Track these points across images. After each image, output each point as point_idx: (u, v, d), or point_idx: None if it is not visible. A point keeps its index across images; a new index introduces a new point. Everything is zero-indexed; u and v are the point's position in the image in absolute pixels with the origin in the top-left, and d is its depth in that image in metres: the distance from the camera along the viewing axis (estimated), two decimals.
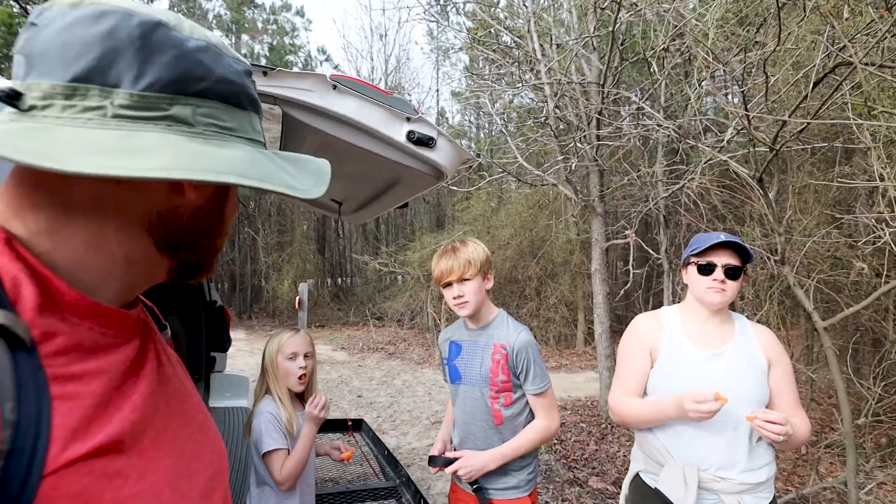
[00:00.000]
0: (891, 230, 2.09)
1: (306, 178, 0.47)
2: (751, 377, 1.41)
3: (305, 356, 1.57)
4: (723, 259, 1.43)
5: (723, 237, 1.43)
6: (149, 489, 0.39)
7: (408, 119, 1.50)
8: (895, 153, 2.36)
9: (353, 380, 6.81)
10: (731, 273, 1.42)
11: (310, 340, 1.62)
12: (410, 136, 1.51)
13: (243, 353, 8.50)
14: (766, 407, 1.41)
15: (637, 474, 1.55)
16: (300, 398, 1.65)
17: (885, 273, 2.59)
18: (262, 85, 1.39)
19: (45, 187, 0.41)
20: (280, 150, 2.11)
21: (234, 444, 2.39)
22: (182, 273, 0.50)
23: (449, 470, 1.50)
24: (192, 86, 0.42)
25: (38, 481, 0.33)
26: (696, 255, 1.47)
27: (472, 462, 1.46)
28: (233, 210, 0.52)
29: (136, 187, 0.43)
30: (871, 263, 2.97)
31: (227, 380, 3.02)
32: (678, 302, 1.66)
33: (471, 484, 1.51)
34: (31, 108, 0.38)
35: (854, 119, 1.83)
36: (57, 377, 0.37)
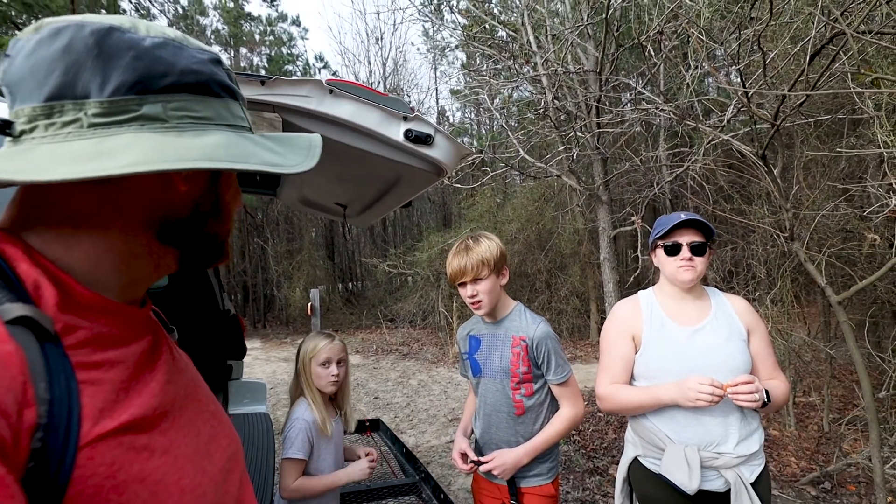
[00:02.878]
0: None
1: (294, 154, 0.48)
2: (733, 347, 1.44)
3: (339, 363, 1.58)
4: (687, 238, 1.47)
5: (683, 216, 1.47)
6: (172, 462, 0.43)
7: (405, 118, 1.52)
8: None
9: (369, 382, 6.85)
10: (697, 250, 1.46)
11: (343, 347, 1.64)
12: (408, 134, 1.53)
13: (259, 362, 8.60)
14: (750, 373, 1.44)
15: (635, 458, 1.57)
16: (332, 402, 1.68)
17: None
18: (260, 94, 1.41)
19: (47, 200, 0.44)
20: None
21: (256, 450, 2.43)
22: (193, 262, 0.52)
23: (483, 469, 1.52)
24: (157, 82, 0.43)
25: (74, 452, 0.37)
26: (661, 237, 1.51)
27: (505, 460, 1.48)
28: (234, 197, 0.54)
29: (131, 189, 0.45)
30: (884, 234, 2.92)
31: (245, 387, 3.07)
32: None
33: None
34: (21, 133, 0.42)
35: (854, 88, 1.81)
36: (81, 365, 0.40)
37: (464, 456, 1.58)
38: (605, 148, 4.52)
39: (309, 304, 8.36)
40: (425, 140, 1.54)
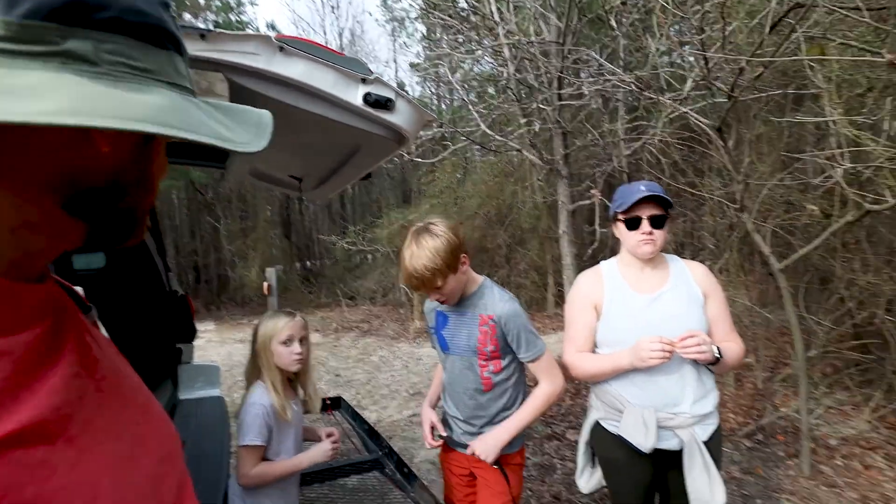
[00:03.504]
0: (841, 168, 2.19)
1: (244, 131, 0.40)
2: (691, 313, 1.49)
3: (301, 341, 1.51)
4: (647, 211, 1.49)
5: (644, 189, 1.48)
6: (82, 479, 0.35)
7: (363, 80, 1.42)
8: (846, 94, 2.45)
9: (330, 360, 6.77)
10: (657, 222, 1.49)
11: (304, 324, 1.56)
12: (367, 98, 1.43)
13: (214, 344, 8.30)
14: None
15: (597, 422, 1.63)
16: (291, 383, 1.60)
17: (834, 213, 2.73)
18: (200, 50, 1.27)
19: None
20: None
21: (210, 435, 2.32)
22: (101, 239, 0.43)
23: (468, 452, 1.52)
24: (91, 14, 0.34)
25: None
26: (623, 211, 1.52)
27: (487, 443, 1.47)
28: (161, 168, 0.45)
29: (36, 142, 0.35)
30: (822, 205, 3.12)
31: (196, 370, 2.92)
32: None
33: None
34: None
35: (809, 58, 1.87)
36: None
37: (433, 430, 1.58)
38: (566, 122, 4.53)
39: (265, 284, 8.09)
40: (385, 104, 1.45)
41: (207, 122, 0.38)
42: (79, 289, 0.56)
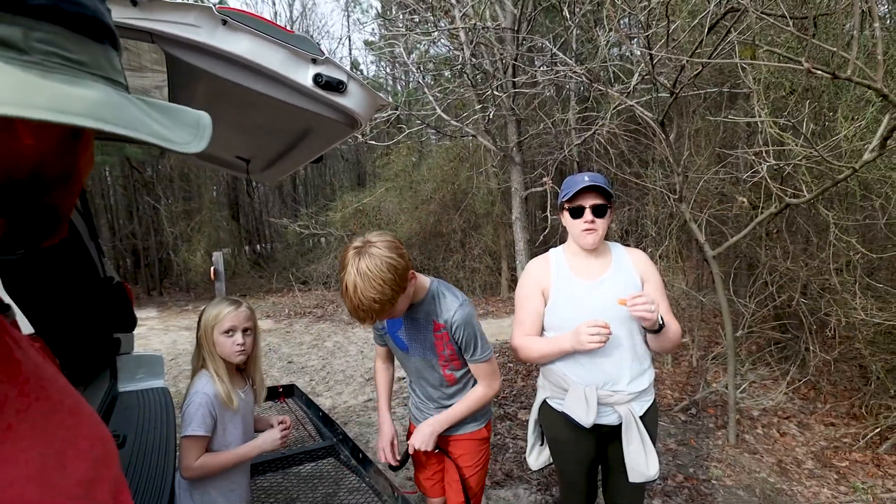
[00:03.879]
0: (766, 164, 2.38)
1: (182, 130, 0.39)
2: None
3: (245, 331, 1.44)
4: (589, 201, 1.56)
5: (587, 179, 1.56)
6: (4, 489, 0.33)
7: (313, 60, 1.37)
8: (772, 95, 2.65)
9: (282, 346, 6.61)
10: (598, 211, 1.56)
11: (250, 314, 1.48)
12: (317, 79, 1.38)
13: (157, 332, 7.88)
14: None
15: (544, 401, 1.72)
16: (241, 372, 1.55)
17: (760, 205, 2.96)
18: (133, 17, 1.18)
19: None
20: (170, 101, 1.87)
21: (154, 428, 2.23)
22: (18, 237, 0.40)
23: (410, 449, 1.56)
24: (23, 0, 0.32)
25: None
26: (567, 200, 1.59)
27: (424, 433, 1.52)
28: (88, 163, 0.42)
29: None
30: (750, 197, 3.37)
31: (137, 361, 2.78)
32: None
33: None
34: None
35: (741, 61, 2.01)
36: None
37: (392, 447, 1.60)
38: (520, 110, 4.59)
39: (212, 269, 7.73)
40: (337, 87, 1.41)
41: (144, 119, 0.36)
42: None
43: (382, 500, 1.85)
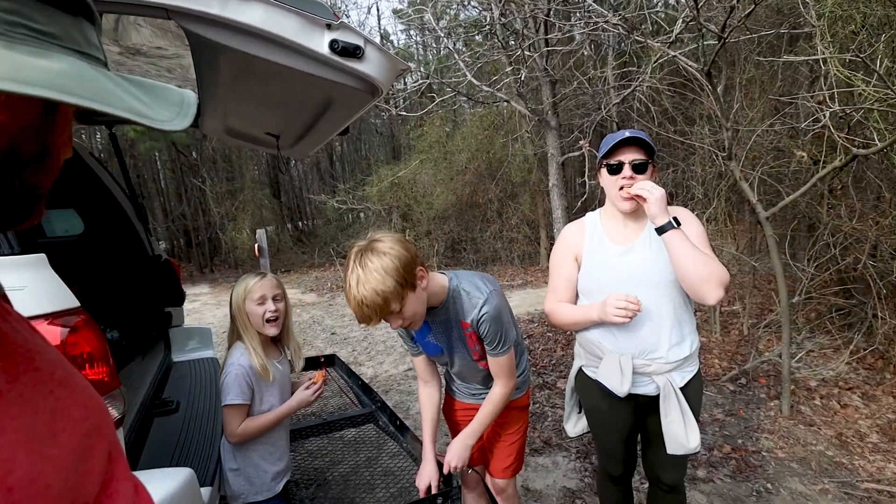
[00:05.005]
0: (830, 111, 2.13)
1: (164, 108, 0.38)
2: (661, 260, 1.47)
3: (275, 299, 1.49)
4: (629, 156, 1.46)
5: (627, 133, 1.45)
6: None
7: (328, 26, 1.33)
8: (839, 32, 2.34)
9: (325, 319, 6.85)
10: (638, 168, 1.45)
11: (277, 283, 1.53)
12: (334, 46, 1.34)
13: (210, 307, 8.35)
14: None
15: (580, 368, 1.68)
16: (276, 343, 1.60)
17: (822, 159, 2.69)
18: None
19: None
20: (196, 80, 1.88)
21: (205, 394, 2.37)
22: None
23: (446, 471, 1.48)
24: None
25: None
26: (606, 156, 1.49)
27: (456, 449, 1.45)
28: (65, 143, 0.41)
29: None
30: (810, 151, 3.07)
31: (188, 333, 2.94)
32: None
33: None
34: None
35: None
36: None
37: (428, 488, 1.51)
38: (554, 70, 4.37)
39: (256, 246, 8.04)
40: (354, 52, 1.36)
41: (120, 94, 0.35)
42: None
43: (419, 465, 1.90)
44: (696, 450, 1.49)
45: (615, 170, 1.48)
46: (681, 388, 1.51)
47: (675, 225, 1.38)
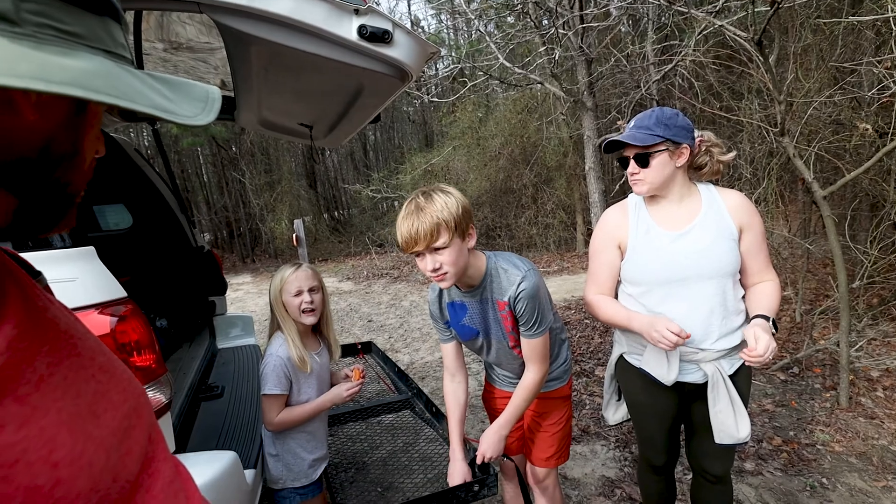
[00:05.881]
0: None
1: (188, 104, 0.39)
2: (719, 250, 1.39)
3: (311, 290, 1.51)
4: (630, 150, 1.42)
5: (631, 125, 1.42)
6: (37, 434, 0.36)
7: (356, 11, 1.31)
8: None
9: (362, 306, 6.98)
10: (640, 160, 1.40)
11: (312, 274, 1.53)
12: (362, 31, 1.32)
13: (252, 296, 8.67)
14: (739, 272, 1.43)
15: (621, 356, 1.63)
16: (316, 331, 1.63)
17: (890, 132, 2.46)
18: None
19: None
20: (231, 72, 1.92)
21: (248, 380, 2.46)
22: (29, 218, 0.41)
23: (479, 458, 1.46)
24: None
25: None
26: (608, 151, 1.49)
27: (490, 440, 1.43)
28: (95, 143, 0.43)
29: None
30: (876, 123, 2.82)
31: (231, 321, 3.06)
32: None
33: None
34: None
35: None
36: None
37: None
38: (590, 48, 4.20)
39: (294, 236, 8.28)
40: (383, 37, 1.34)
41: (144, 91, 0.36)
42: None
43: None
44: (746, 439, 1.42)
45: (624, 164, 1.47)
46: (729, 376, 1.43)
47: (775, 329, 1.33)
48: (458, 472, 1.45)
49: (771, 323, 1.33)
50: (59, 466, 0.36)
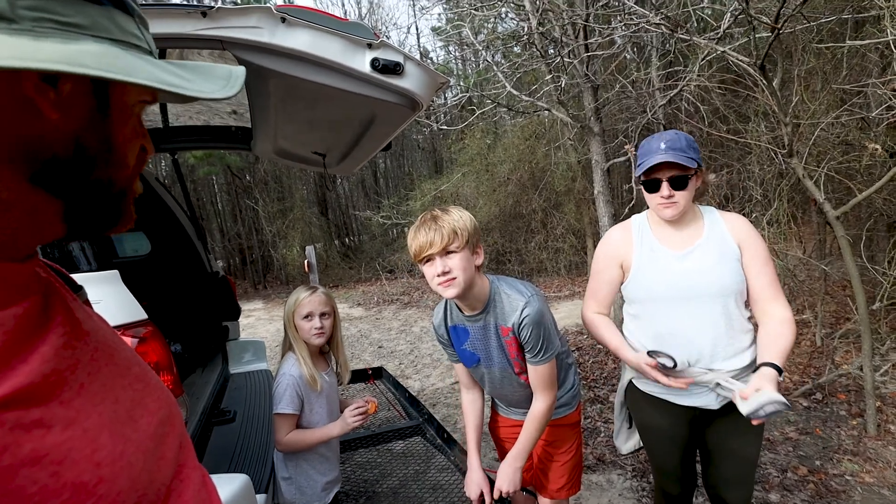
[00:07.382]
0: None
1: (207, 82, 0.39)
2: (722, 269, 1.39)
3: (322, 315, 1.53)
4: (666, 173, 1.37)
5: (663, 147, 1.36)
6: (81, 435, 0.37)
7: (369, 45, 1.38)
8: None
9: (373, 332, 6.96)
10: (677, 184, 1.37)
11: (326, 299, 1.55)
12: (375, 64, 1.39)
13: (263, 322, 8.71)
14: (745, 293, 1.41)
15: (630, 381, 1.61)
16: (324, 355, 1.65)
17: None
18: (204, 28, 1.27)
19: None
20: (249, 104, 2.00)
21: (259, 404, 2.46)
22: (81, 220, 0.43)
23: (497, 494, 1.44)
24: None
25: None
26: (643, 173, 1.42)
27: (506, 473, 1.41)
28: (130, 135, 0.44)
29: None
30: (885, 143, 2.81)
31: (243, 346, 3.08)
32: None
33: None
34: None
35: None
36: None
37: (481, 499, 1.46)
38: (595, 75, 4.29)
39: (305, 262, 8.37)
40: (394, 69, 1.40)
41: (147, 68, 0.36)
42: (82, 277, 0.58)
43: None
44: (787, 405, 1.20)
45: (653, 187, 1.41)
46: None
47: (780, 371, 1.28)
48: (474, 482, 1.45)
49: (777, 371, 1.25)
50: (101, 465, 0.38)
